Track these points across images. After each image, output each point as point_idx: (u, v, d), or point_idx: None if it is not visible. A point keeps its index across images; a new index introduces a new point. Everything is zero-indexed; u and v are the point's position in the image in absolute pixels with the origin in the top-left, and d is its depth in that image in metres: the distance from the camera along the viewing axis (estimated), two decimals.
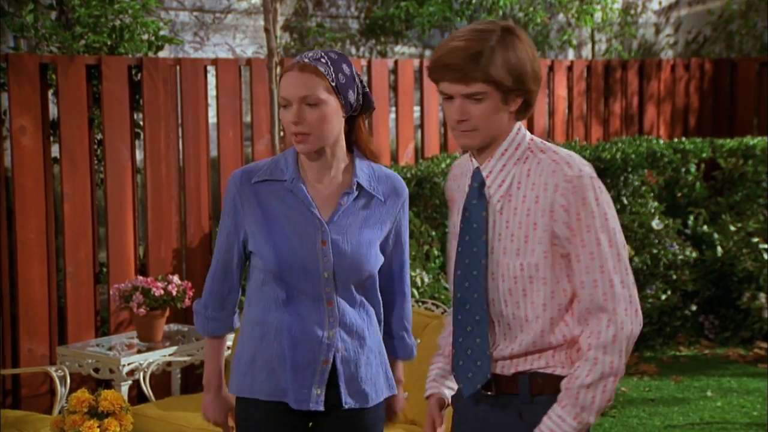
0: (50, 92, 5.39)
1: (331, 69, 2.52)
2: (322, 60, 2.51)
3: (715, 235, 7.08)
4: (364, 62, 7.02)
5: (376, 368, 2.65)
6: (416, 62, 7.37)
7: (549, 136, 8.00)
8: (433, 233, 6.11)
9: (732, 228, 7.07)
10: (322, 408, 2.57)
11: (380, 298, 2.70)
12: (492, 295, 2.29)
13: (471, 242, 2.29)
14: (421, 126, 7.30)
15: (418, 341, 4.17)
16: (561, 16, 9.09)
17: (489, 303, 2.29)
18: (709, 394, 5.94)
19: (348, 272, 2.56)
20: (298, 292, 2.56)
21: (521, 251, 2.26)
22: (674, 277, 6.75)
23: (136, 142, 5.62)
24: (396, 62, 7.19)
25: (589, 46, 9.62)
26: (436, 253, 5.97)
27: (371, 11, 8.36)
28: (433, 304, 4.40)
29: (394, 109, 7.17)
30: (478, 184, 2.30)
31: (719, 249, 7.01)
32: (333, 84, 2.51)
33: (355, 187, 2.57)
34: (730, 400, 5.80)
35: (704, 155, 7.46)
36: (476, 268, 2.28)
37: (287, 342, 2.56)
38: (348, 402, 2.59)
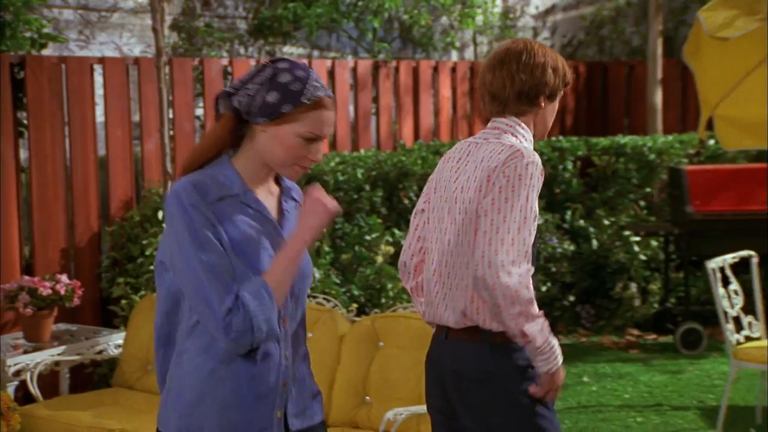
0: None
1: None
2: None
3: (591, 229, 7.25)
4: (253, 62, 6.93)
5: (312, 386, 2.42)
6: (305, 63, 7.32)
7: (434, 135, 8.05)
8: (323, 230, 6.08)
9: (606, 222, 7.24)
10: (283, 430, 2.31)
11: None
12: None
13: None
14: None
15: (310, 335, 4.16)
16: (444, 19, 9.16)
17: None
18: (585, 379, 6.06)
19: (302, 281, 2.32)
20: None
21: None
22: (553, 269, 6.87)
23: (20, 141, 5.43)
24: None
25: (472, 48, 9.73)
26: (326, 249, 5.94)
27: (259, 12, 8.27)
28: (324, 298, 4.37)
29: None
30: None
31: (594, 242, 7.17)
32: None
33: (289, 191, 2.38)
34: (604, 385, 5.93)
35: (580, 153, 7.60)
36: None
37: (245, 374, 2.24)
38: (295, 424, 2.33)
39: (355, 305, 4.99)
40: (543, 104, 2.70)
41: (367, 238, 6.13)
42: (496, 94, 2.69)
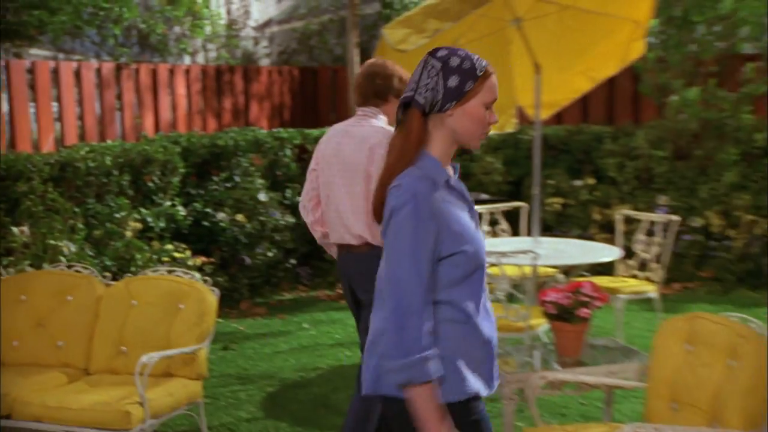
0: None
1: None
2: None
3: None
4: (2, 62, 6.61)
5: None
6: (52, 64, 7.06)
7: (173, 127, 8.04)
8: (77, 209, 5.94)
9: None
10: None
11: None
12: None
13: None
14: (60, 119, 7.03)
15: (71, 298, 4.13)
16: (177, 28, 9.12)
17: None
18: (305, 326, 6.33)
19: (483, 252, 2.22)
20: (482, 279, 2.15)
21: None
22: (278, 238, 7.05)
23: None
24: (33, 63, 6.85)
25: (203, 53, 9.75)
26: (80, 226, 5.82)
27: (4, 17, 7.85)
28: (83, 267, 4.34)
29: (34, 104, 6.84)
30: None
31: None
32: None
33: (456, 169, 2.26)
34: (320, 329, 6.23)
35: (296, 142, 7.76)
36: None
37: (488, 334, 2.16)
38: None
39: (108, 273, 4.98)
40: (391, 101, 3.50)
41: (117, 216, 6.06)
42: (362, 92, 3.51)
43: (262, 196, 7.04)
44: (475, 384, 2.12)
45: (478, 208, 6.07)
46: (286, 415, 4.53)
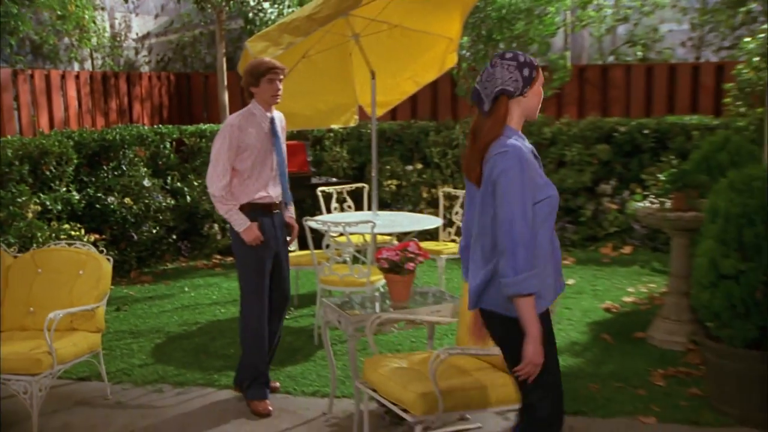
0: None
1: None
2: None
3: (185, 189, 7.44)
4: None
5: None
6: None
7: (66, 124, 7.80)
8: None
9: (196, 183, 7.49)
10: None
11: None
12: None
13: None
14: None
15: None
16: (67, 40, 8.83)
17: None
18: (186, 289, 6.34)
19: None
20: (554, 218, 2.42)
21: None
22: (161, 217, 7.01)
23: None
24: None
25: (90, 61, 9.47)
26: None
27: None
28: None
29: None
30: None
31: (188, 197, 7.39)
32: None
33: None
34: (199, 292, 6.27)
35: (175, 136, 7.69)
36: None
37: (557, 260, 2.46)
38: None
39: (13, 249, 4.88)
40: (253, 89, 3.73)
41: (18, 200, 5.89)
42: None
43: (146, 183, 6.99)
44: (548, 301, 2.41)
45: (328, 189, 6.26)
46: (173, 361, 4.63)
